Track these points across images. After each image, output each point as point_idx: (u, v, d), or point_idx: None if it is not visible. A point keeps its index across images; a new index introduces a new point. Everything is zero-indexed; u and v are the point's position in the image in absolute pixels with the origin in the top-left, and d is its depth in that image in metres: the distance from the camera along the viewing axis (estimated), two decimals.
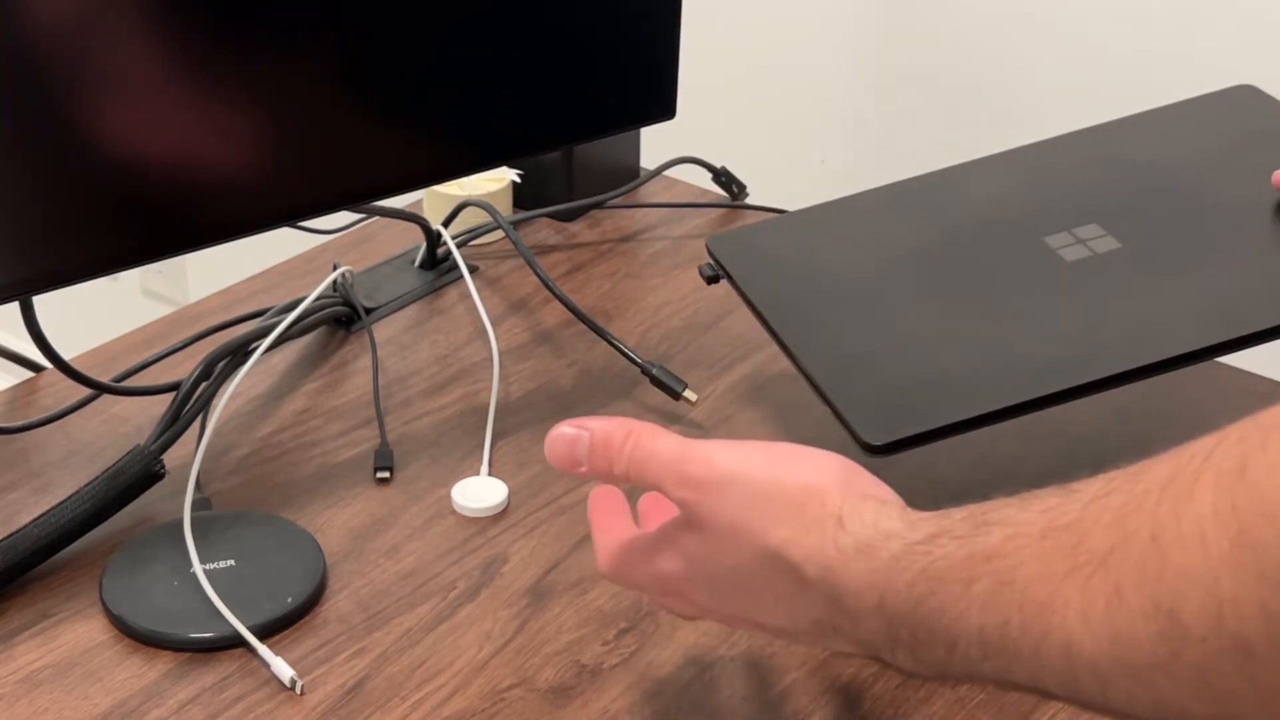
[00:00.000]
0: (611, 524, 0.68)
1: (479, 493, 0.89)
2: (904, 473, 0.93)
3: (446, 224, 1.11)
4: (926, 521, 0.55)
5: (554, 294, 1.03)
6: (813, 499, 0.59)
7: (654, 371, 0.98)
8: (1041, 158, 0.97)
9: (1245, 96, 0.99)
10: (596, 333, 1.02)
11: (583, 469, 0.64)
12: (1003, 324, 0.84)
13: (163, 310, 1.11)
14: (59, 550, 0.83)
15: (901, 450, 0.77)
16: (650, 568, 0.65)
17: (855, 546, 0.57)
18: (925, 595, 0.53)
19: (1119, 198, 0.91)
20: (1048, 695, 0.52)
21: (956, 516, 0.54)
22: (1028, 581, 0.49)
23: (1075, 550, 0.47)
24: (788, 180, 1.28)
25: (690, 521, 0.62)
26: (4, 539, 0.81)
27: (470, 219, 1.14)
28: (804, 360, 0.83)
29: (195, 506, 0.84)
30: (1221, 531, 0.43)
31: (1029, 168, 0.96)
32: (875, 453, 0.77)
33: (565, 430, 0.64)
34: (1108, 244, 0.87)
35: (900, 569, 0.54)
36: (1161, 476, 0.46)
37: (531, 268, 1.04)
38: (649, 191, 1.24)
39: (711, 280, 0.92)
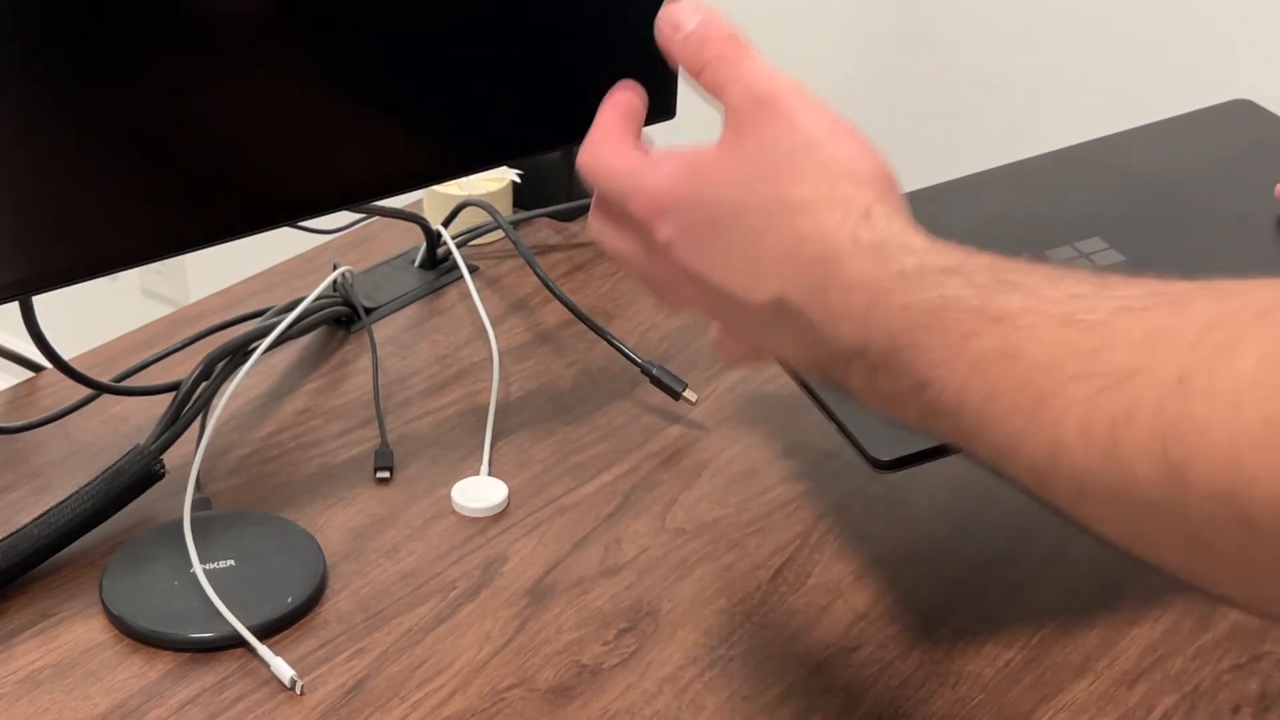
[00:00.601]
0: (619, 116, 0.64)
1: (479, 493, 0.89)
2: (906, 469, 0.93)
3: (446, 224, 1.11)
4: (948, 253, 0.52)
5: (554, 294, 1.03)
6: (850, 179, 0.55)
7: (654, 371, 0.98)
8: (1041, 171, 0.97)
9: (1242, 110, 0.99)
10: (596, 333, 1.02)
11: (678, 35, 0.62)
12: None
13: (163, 310, 1.11)
14: (59, 550, 0.83)
15: (910, 466, 0.77)
16: (641, 172, 0.60)
17: (871, 243, 0.53)
18: (917, 326, 0.50)
19: (1121, 211, 0.91)
20: (1000, 475, 0.48)
21: (979, 261, 0.51)
22: (1032, 365, 0.46)
23: (1093, 355, 0.45)
24: None
25: (724, 137, 0.58)
26: (4, 539, 0.81)
27: (470, 219, 1.14)
28: (810, 381, 0.82)
29: (195, 506, 0.84)
30: (1259, 405, 0.40)
31: (1029, 181, 0.96)
32: (883, 469, 0.76)
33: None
34: (1111, 257, 0.87)
35: (905, 286, 0.51)
36: (1204, 317, 0.43)
37: (531, 268, 1.04)
38: None
39: None
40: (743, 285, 0.57)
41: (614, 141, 0.63)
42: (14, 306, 0.84)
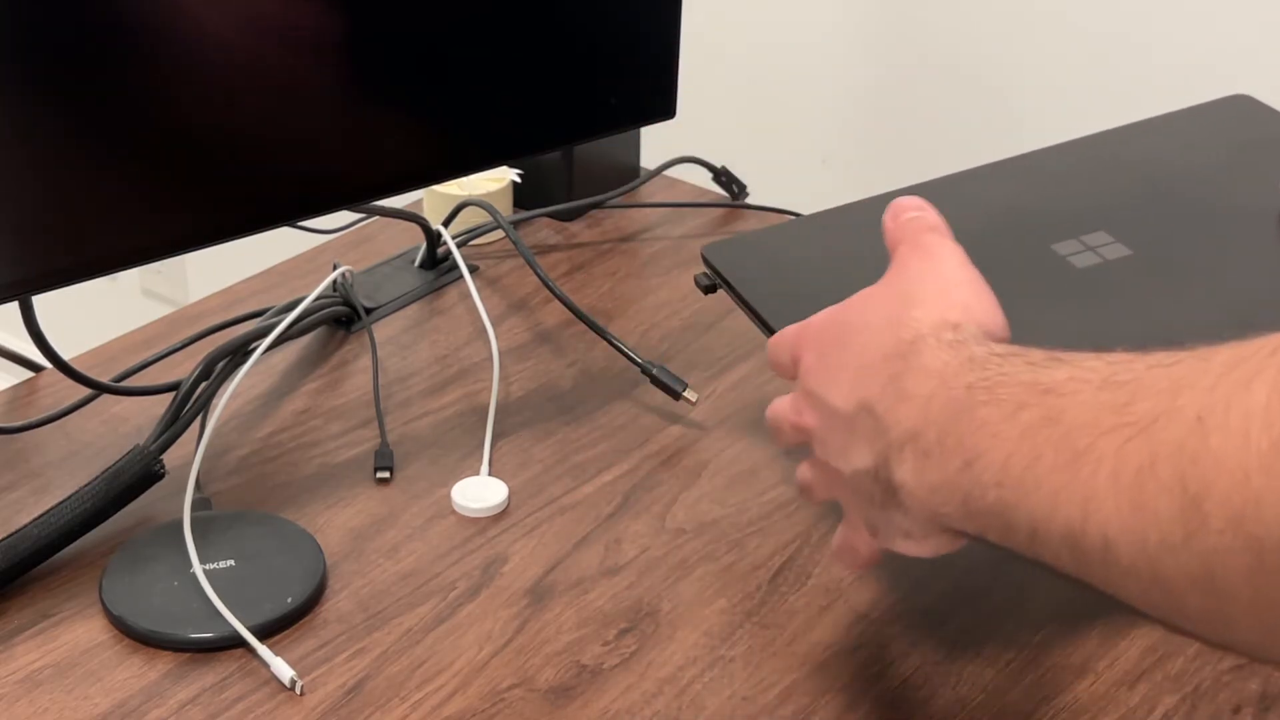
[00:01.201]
0: None
1: (479, 493, 0.89)
2: None
3: (446, 224, 1.11)
4: (1013, 346, 0.56)
5: (554, 294, 1.03)
6: (961, 309, 0.60)
7: (654, 371, 0.98)
8: (1045, 164, 0.97)
9: (1242, 105, 0.99)
10: (596, 333, 1.02)
11: (903, 216, 0.67)
12: (1014, 331, 0.84)
13: (163, 310, 1.10)
14: (59, 550, 0.82)
15: None
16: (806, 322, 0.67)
17: (952, 340, 0.58)
18: (976, 403, 0.53)
19: (1126, 204, 0.91)
20: (1034, 555, 0.51)
21: (1039, 348, 0.54)
22: (1072, 425, 0.49)
23: (1124, 409, 0.47)
24: (788, 180, 1.28)
25: (882, 279, 0.64)
26: (4, 539, 0.81)
27: (470, 219, 1.14)
28: None
29: (195, 507, 0.84)
30: (1265, 430, 0.42)
31: (1033, 174, 0.96)
32: None
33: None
34: (1117, 250, 0.87)
35: (969, 368, 0.55)
36: (1225, 360, 0.45)
37: (531, 267, 1.04)
38: (649, 191, 1.24)
39: (708, 290, 0.91)
40: (841, 395, 0.62)
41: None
42: (14, 306, 0.84)
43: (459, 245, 1.11)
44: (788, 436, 0.69)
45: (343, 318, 1.05)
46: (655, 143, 1.22)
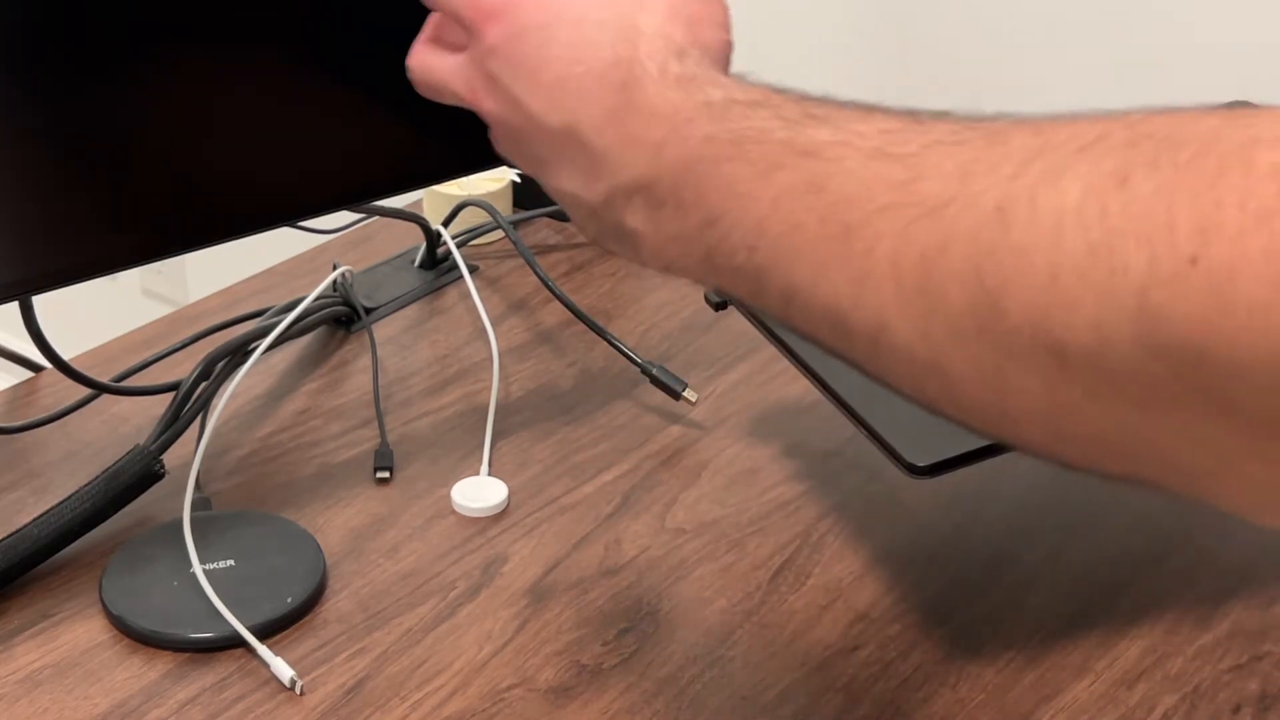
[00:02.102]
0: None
1: (479, 493, 0.89)
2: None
3: (446, 224, 1.11)
4: (756, 89, 0.51)
5: (554, 294, 1.03)
6: (683, 15, 0.54)
7: (654, 371, 0.98)
8: None
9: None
10: (596, 333, 1.02)
11: None
12: None
13: (163, 310, 1.10)
14: (59, 550, 0.82)
15: (946, 471, 0.76)
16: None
17: (679, 76, 0.52)
18: (720, 157, 0.48)
19: None
20: (785, 319, 0.47)
21: (788, 96, 0.50)
22: (841, 196, 0.45)
23: (905, 186, 0.44)
24: None
25: None
26: (3, 539, 0.81)
27: (470, 219, 1.14)
28: (836, 385, 0.81)
29: (195, 507, 0.84)
30: (1082, 233, 0.39)
31: None
32: (919, 474, 0.76)
33: None
34: None
35: (709, 116, 0.49)
36: (1024, 148, 0.42)
37: (531, 268, 1.04)
38: None
39: (719, 307, 0.91)
40: (542, 106, 0.54)
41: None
42: (14, 306, 0.84)
43: (459, 245, 1.11)
44: (443, 98, 0.61)
45: (343, 318, 1.05)
46: None
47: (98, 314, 1.42)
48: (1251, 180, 0.36)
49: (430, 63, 0.62)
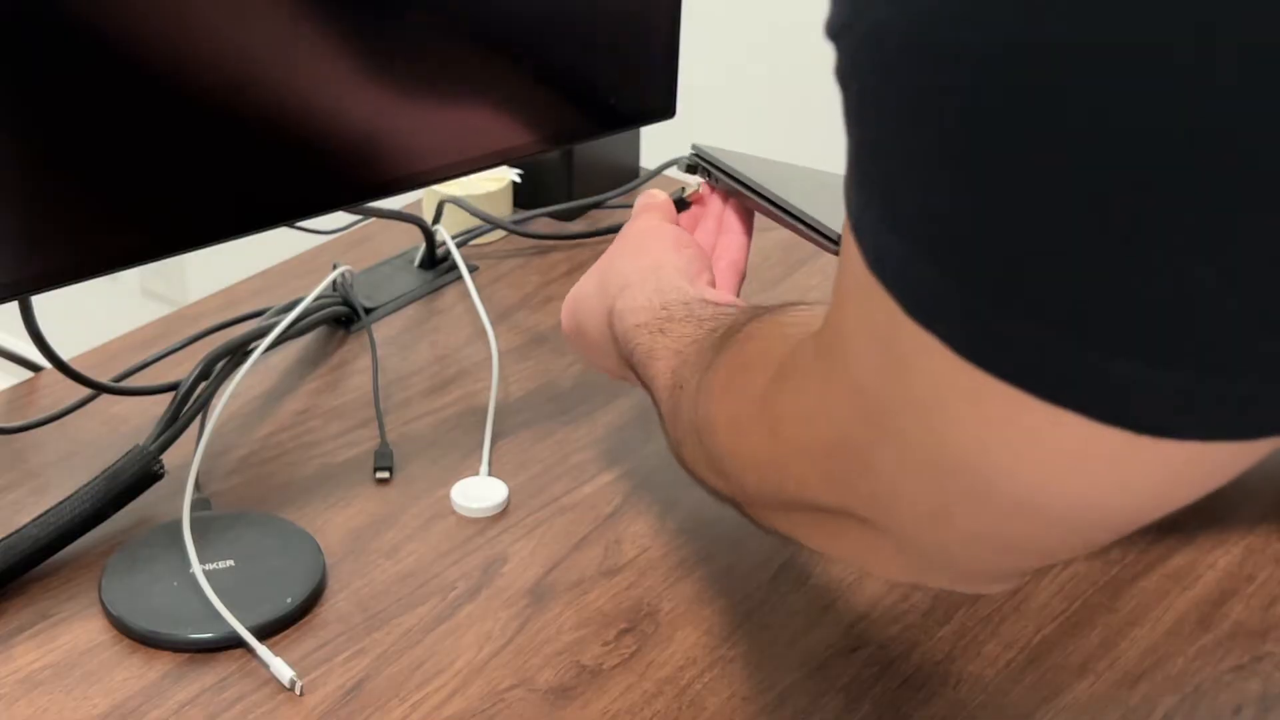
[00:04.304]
0: None
1: (479, 493, 0.89)
2: None
3: (436, 222, 1.11)
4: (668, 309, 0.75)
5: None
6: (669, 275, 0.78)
7: None
8: None
9: None
10: None
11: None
12: None
13: (162, 310, 1.10)
14: (58, 550, 0.82)
15: None
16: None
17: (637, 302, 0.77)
18: (624, 338, 0.77)
19: None
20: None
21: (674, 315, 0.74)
22: (655, 370, 0.72)
23: (677, 371, 0.69)
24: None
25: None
26: (3, 539, 0.81)
27: (470, 219, 1.14)
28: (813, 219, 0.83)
29: (194, 507, 0.84)
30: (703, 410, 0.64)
31: None
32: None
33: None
34: None
35: (630, 324, 0.76)
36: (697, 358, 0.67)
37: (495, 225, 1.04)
38: None
39: (691, 170, 0.91)
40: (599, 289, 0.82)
41: None
42: (14, 306, 0.84)
43: (458, 245, 1.11)
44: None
45: (342, 318, 1.05)
46: (655, 143, 1.22)
47: (97, 314, 1.42)
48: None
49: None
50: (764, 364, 0.56)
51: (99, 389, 0.94)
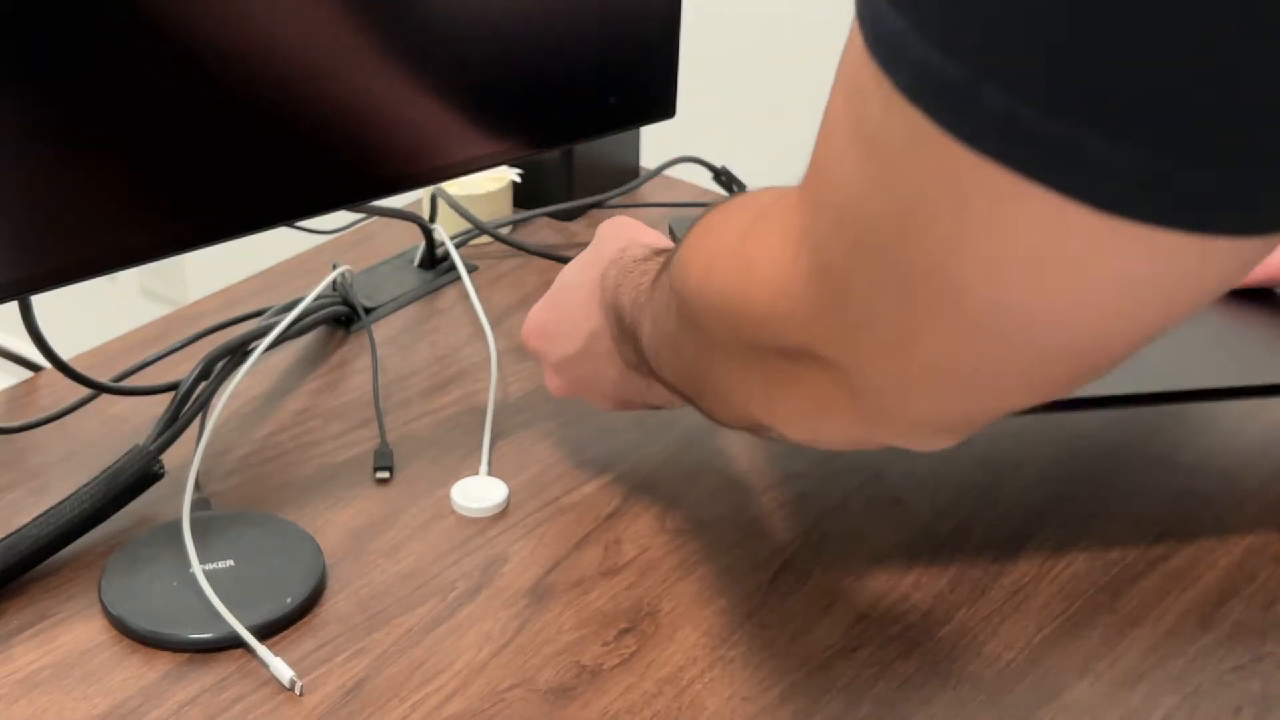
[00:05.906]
0: None
1: (479, 493, 0.89)
2: (908, 469, 0.93)
3: (432, 218, 1.11)
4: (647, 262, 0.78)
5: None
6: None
7: None
8: None
9: None
10: None
11: None
12: None
13: (162, 310, 1.10)
14: (58, 550, 0.82)
15: None
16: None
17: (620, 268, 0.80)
18: (613, 300, 0.80)
19: None
20: (642, 365, 0.77)
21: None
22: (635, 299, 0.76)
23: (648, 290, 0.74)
24: (788, 180, 1.28)
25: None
26: (3, 539, 0.81)
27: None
28: None
29: (194, 507, 0.84)
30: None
31: None
32: None
33: None
34: None
35: (613, 283, 0.80)
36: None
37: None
38: (649, 191, 1.24)
39: None
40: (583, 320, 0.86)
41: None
42: (14, 306, 0.84)
43: (458, 246, 1.11)
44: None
45: (342, 318, 1.05)
46: (655, 143, 1.22)
47: (97, 314, 1.42)
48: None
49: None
50: (744, 209, 0.60)
51: (99, 389, 0.94)
